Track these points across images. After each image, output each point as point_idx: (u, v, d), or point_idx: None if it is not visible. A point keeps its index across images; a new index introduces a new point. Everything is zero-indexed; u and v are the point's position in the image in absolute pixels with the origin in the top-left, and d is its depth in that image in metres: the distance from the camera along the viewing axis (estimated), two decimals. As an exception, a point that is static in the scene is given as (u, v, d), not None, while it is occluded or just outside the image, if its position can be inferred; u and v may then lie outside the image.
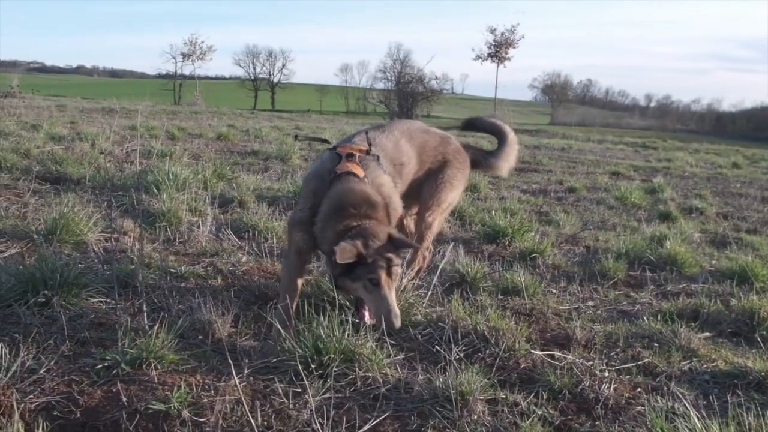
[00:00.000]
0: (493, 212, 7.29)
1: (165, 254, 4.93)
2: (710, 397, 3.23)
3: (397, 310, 3.43)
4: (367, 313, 3.56)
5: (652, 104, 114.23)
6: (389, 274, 3.46)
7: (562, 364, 3.54)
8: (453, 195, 4.64)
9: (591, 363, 3.59)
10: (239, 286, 4.44)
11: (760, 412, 2.88)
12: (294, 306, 3.69)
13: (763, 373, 3.56)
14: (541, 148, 20.70)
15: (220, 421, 2.74)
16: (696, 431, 2.52)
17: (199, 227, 5.62)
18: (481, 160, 5.03)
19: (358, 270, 3.42)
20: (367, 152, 3.96)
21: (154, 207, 6.14)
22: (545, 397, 3.19)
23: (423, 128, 4.63)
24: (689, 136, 46.11)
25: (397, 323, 3.41)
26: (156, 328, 3.35)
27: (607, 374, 3.50)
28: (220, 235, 5.49)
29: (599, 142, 27.60)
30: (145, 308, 3.72)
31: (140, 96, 33.66)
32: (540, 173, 13.47)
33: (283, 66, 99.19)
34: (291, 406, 2.91)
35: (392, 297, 3.46)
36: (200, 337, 3.61)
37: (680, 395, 3.03)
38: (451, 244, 5.52)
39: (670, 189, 11.75)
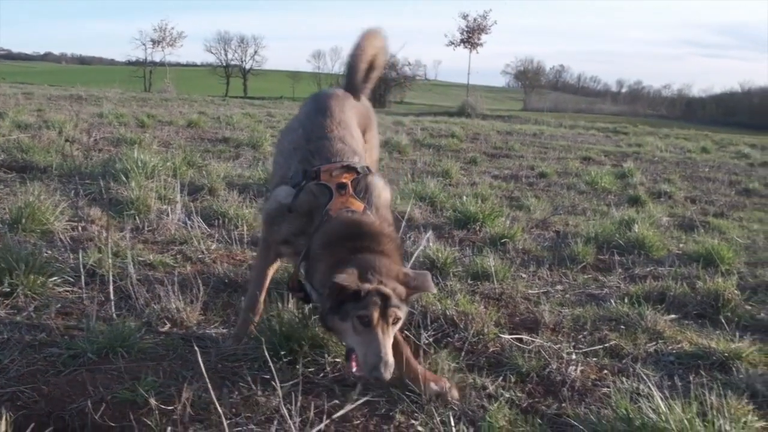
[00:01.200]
0: (465, 198, 7.31)
1: (133, 242, 4.88)
2: (674, 378, 3.28)
3: (389, 359, 2.75)
4: (354, 363, 2.85)
5: (624, 90, 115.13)
6: (384, 314, 2.78)
7: (530, 347, 3.57)
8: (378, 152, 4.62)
9: (558, 346, 3.63)
10: (208, 274, 4.42)
11: (722, 392, 2.93)
12: (263, 296, 3.59)
13: (726, 354, 3.62)
14: (513, 133, 20.77)
15: (188, 409, 2.73)
16: (659, 411, 2.55)
17: (168, 215, 5.57)
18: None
19: (347, 306, 2.78)
20: (356, 172, 3.31)
21: (123, 195, 6.07)
22: (513, 380, 3.22)
23: (346, 94, 4.10)
24: (660, 121, 46.57)
25: (387, 375, 2.71)
26: (123, 316, 3.32)
27: (574, 357, 3.54)
28: (189, 222, 5.44)
29: (571, 127, 27.77)
30: (112, 297, 3.70)
31: (109, 83, 33.25)
32: (512, 159, 13.53)
33: (255, 52, 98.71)
34: (259, 393, 2.90)
35: (386, 342, 2.77)
36: (168, 325, 3.59)
37: (645, 377, 3.07)
38: (428, 233, 5.54)
39: (639, 173, 11.86)
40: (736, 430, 2.47)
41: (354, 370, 2.81)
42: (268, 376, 3.02)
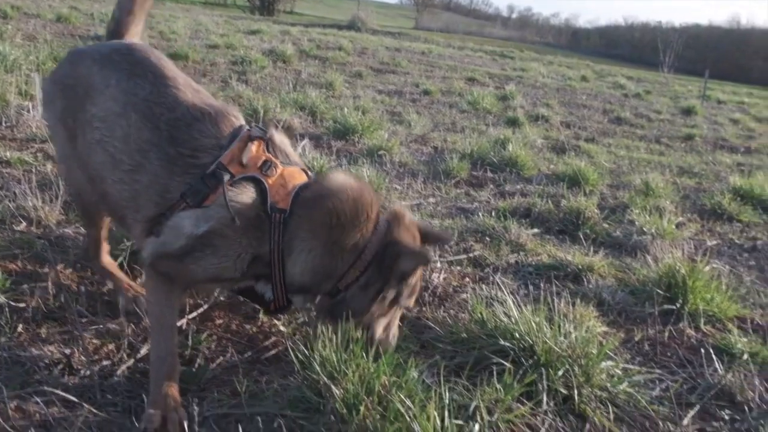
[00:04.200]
0: (346, 110, 7.25)
1: (-11, 136, 4.58)
2: (530, 287, 3.43)
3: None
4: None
5: (514, 15, 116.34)
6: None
7: (397, 255, 3.63)
8: None
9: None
10: (71, 172, 4.21)
11: (571, 300, 3.11)
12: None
13: (580, 266, 3.81)
14: (401, 50, 20.66)
15: (41, 307, 2.63)
16: (511, 314, 2.67)
17: (29, 111, 5.24)
18: None
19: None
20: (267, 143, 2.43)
21: (-22, 87, 5.65)
22: (377, 285, 3.27)
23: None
24: (546, 48, 47.40)
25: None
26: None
27: (438, 265, 3.63)
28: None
29: (460, 48, 27.87)
30: (-39, 192, 3.47)
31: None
32: (398, 75, 13.50)
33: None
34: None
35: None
36: (24, 224, 3.42)
37: (502, 284, 3.20)
38: (304, 141, 5.48)
39: (520, 97, 12.13)
40: (580, 332, 2.61)
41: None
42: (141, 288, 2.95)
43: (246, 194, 2.26)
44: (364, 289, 2.35)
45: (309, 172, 2.51)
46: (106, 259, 2.91)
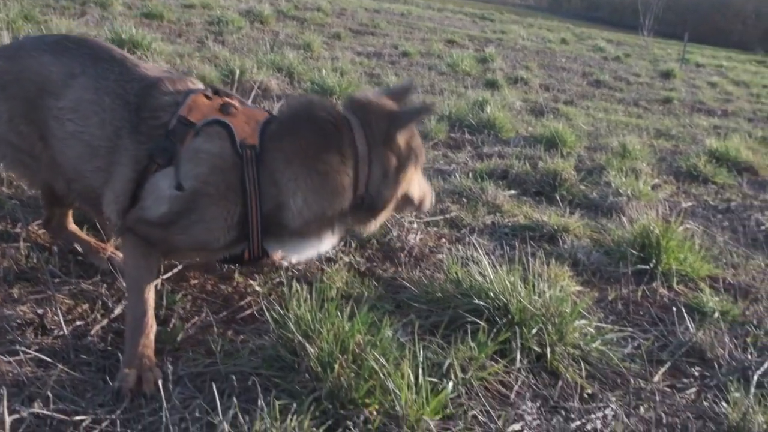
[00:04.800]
0: (324, 71, 7.18)
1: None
2: (506, 247, 3.45)
3: None
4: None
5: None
6: None
7: (374, 216, 3.62)
8: None
9: (401, 215, 3.70)
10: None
11: (546, 260, 3.13)
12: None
13: (555, 227, 3.84)
14: (381, 12, 20.43)
15: (14, 267, 2.60)
16: (486, 274, 2.68)
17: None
18: None
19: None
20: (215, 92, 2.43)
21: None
22: (354, 246, 3.28)
23: None
24: (527, 11, 47.11)
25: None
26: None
27: (415, 226, 3.63)
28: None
29: (439, 10, 27.60)
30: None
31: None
32: (377, 37, 13.37)
33: None
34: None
35: None
36: (-4, 183, 3.37)
37: (478, 245, 3.21)
38: (282, 102, 5.42)
39: (500, 59, 12.09)
40: (554, 292, 2.63)
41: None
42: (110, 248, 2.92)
43: (213, 141, 2.22)
44: (385, 178, 2.36)
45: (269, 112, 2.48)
46: (71, 227, 2.87)
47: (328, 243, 2.45)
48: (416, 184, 2.57)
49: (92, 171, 2.36)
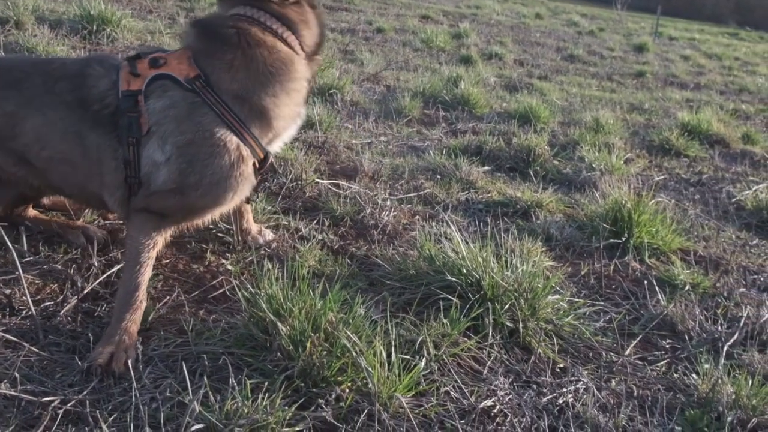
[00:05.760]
0: (297, 47, 7.09)
1: None
2: (479, 224, 3.45)
3: None
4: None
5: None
6: None
7: (347, 193, 3.61)
8: None
9: (375, 193, 3.70)
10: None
11: (519, 236, 3.14)
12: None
13: (529, 203, 3.84)
14: (355, -13, 20.26)
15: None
16: (458, 251, 2.68)
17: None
18: None
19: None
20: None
21: None
22: (327, 223, 3.26)
23: None
24: (501, -14, 46.87)
25: None
26: None
27: (389, 203, 3.62)
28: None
29: (414, -15, 27.46)
30: None
31: None
32: (350, 12, 13.25)
33: None
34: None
35: None
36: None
37: (450, 221, 3.20)
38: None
39: (474, 35, 12.02)
40: (526, 267, 2.64)
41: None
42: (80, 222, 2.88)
43: (163, 95, 2.25)
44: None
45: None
46: (32, 213, 2.83)
47: (303, 111, 2.58)
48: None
49: (86, 179, 2.40)
